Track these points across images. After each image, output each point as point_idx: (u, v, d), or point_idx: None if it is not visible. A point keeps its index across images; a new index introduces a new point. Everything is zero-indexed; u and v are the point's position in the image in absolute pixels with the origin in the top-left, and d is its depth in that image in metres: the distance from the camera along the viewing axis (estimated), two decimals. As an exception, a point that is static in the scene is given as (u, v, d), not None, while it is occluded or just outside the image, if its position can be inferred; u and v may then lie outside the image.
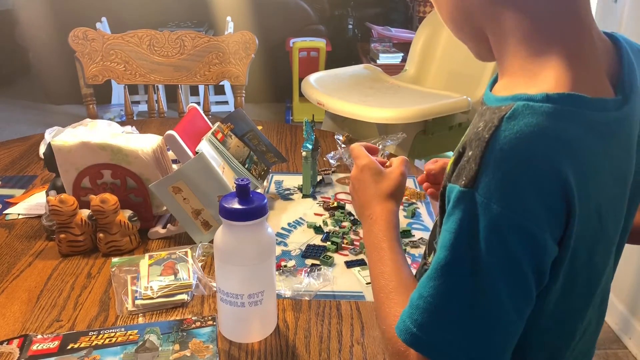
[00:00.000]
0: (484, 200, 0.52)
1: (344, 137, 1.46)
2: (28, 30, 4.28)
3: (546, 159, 0.52)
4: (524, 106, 0.53)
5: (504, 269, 0.53)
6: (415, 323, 0.56)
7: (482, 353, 0.55)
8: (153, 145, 1.09)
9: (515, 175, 0.52)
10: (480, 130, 0.54)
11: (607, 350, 1.97)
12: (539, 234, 0.53)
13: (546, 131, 0.52)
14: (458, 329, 0.55)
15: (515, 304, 0.55)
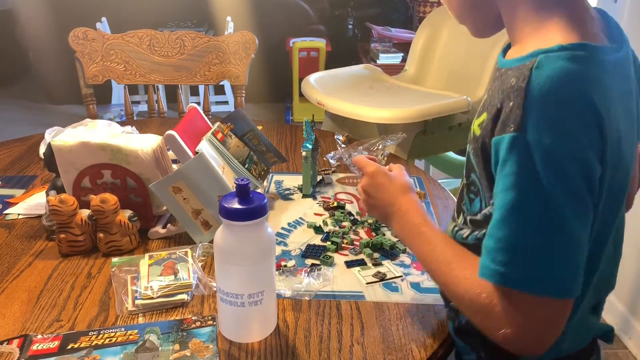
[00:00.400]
0: (535, 138, 0.61)
1: (344, 137, 1.46)
2: (28, 30, 4.29)
3: (578, 92, 0.62)
4: (545, 57, 0.63)
5: (567, 193, 0.62)
6: (501, 263, 0.63)
7: (565, 273, 0.63)
8: (153, 145, 1.09)
9: (556, 111, 0.61)
10: (514, 84, 0.64)
11: (607, 350, 1.97)
12: (586, 156, 0.62)
13: (571, 71, 0.62)
14: (540, 257, 0.62)
15: (581, 223, 0.63)
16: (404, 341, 0.83)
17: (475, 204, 0.78)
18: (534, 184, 0.62)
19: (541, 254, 0.63)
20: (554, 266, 0.63)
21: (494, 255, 0.65)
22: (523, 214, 0.63)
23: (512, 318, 0.65)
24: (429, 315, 0.88)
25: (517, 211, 0.63)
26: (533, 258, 0.63)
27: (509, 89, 0.64)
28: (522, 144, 0.62)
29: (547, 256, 0.63)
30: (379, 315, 0.88)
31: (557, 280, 0.63)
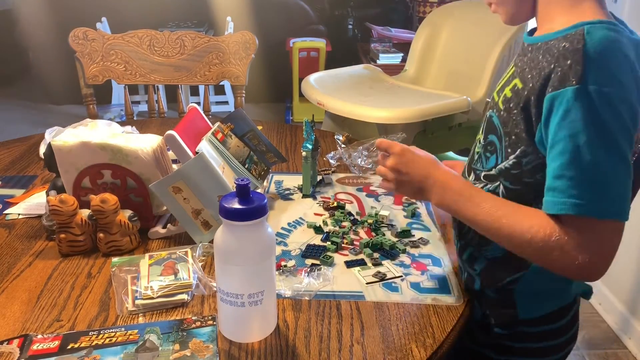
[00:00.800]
0: (597, 87, 0.73)
1: (344, 137, 1.46)
2: (28, 30, 4.29)
3: (623, 53, 0.75)
4: (591, 27, 0.76)
5: (622, 132, 0.74)
6: (577, 196, 0.74)
7: (626, 198, 0.75)
8: (153, 145, 1.09)
9: (611, 65, 0.74)
10: (568, 47, 0.76)
11: (607, 350, 1.97)
12: (632, 100, 0.75)
13: (615, 37, 0.76)
14: (610, 186, 0.74)
15: (630, 154, 0.76)
16: (404, 341, 0.83)
17: (491, 160, 0.91)
18: (599, 126, 0.73)
19: (611, 185, 0.74)
20: (621, 194, 0.75)
21: (568, 192, 0.75)
22: (594, 152, 0.73)
23: (587, 245, 0.75)
24: (429, 315, 0.88)
25: (587, 151, 0.73)
26: (606, 189, 0.74)
27: (563, 51, 0.76)
28: (585, 93, 0.73)
29: (615, 186, 0.74)
30: (379, 315, 0.88)
31: (622, 205, 0.75)
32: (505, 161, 0.87)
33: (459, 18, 2.39)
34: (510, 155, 0.86)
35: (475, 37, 2.25)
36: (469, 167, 0.97)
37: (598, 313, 2.15)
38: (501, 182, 0.89)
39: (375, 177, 1.37)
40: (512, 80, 0.87)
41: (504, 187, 0.89)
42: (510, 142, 0.86)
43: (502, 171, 0.88)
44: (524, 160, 0.85)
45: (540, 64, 0.80)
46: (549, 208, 0.77)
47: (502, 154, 0.88)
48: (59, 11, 4.14)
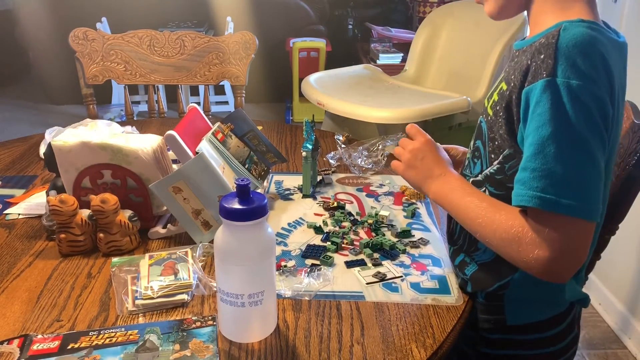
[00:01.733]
0: (564, 80, 0.72)
1: (344, 137, 1.46)
2: (28, 30, 4.28)
3: (596, 49, 0.74)
4: (569, 24, 0.76)
5: (590, 127, 0.72)
6: (537, 189, 0.73)
7: (593, 197, 0.73)
8: (153, 145, 1.09)
9: (581, 60, 0.73)
10: (543, 42, 0.76)
11: (606, 350, 1.97)
12: (604, 97, 0.74)
13: (591, 34, 0.75)
14: (573, 182, 0.72)
15: (601, 155, 0.74)
16: (404, 341, 0.83)
17: (477, 166, 0.92)
18: (564, 119, 0.72)
19: (574, 179, 0.72)
20: (585, 190, 0.73)
21: (530, 184, 0.74)
22: (556, 145, 0.72)
23: (545, 240, 0.74)
24: (429, 315, 0.88)
25: (551, 143, 0.73)
26: (567, 183, 0.72)
27: (539, 46, 0.77)
28: (553, 85, 0.73)
29: (579, 181, 0.72)
30: (379, 315, 0.88)
31: (588, 203, 0.72)
32: (490, 167, 0.88)
33: (459, 18, 2.39)
34: (494, 161, 0.87)
35: (475, 37, 2.25)
36: (461, 174, 0.98)
37: (598, 313, 2.15)
38: (487, 187, 0.90)
39: (375, 177, 1.37)
40: (500, 84, 0.88)
41: (490, 193, 0.90)
42: (494, 147, 0.87)
43: (487, 177, 0.89)
44: (507, 166, 0.85)
45: (520, 64, 0.81)
46: (513, 200, 0.77)
47: (486, 160, 0.89)
48: (59, 11, 4.14)
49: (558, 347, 0.96)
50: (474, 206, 0.83)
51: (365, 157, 1.39)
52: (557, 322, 0.95)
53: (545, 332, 0.95)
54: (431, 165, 0.93)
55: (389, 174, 1.40)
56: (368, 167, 1.39)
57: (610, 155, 0.83)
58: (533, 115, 0.75)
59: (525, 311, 0.93)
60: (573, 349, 0.99)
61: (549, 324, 0.94)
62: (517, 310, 0.93)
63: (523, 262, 0.77)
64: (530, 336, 0.95)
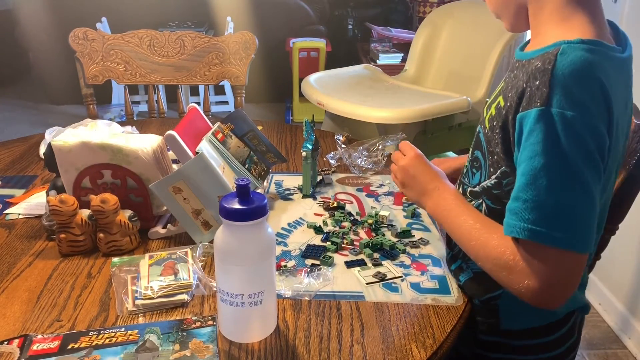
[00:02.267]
0: (559, 111, 0.71)
1: (344, 137, 1.46)
2: (28, 30, 4.28)
3: (593, 76, 0.72)
4: (568, 46, 0.73)
5: (585, 158, 0.71)
6: (529, 221, 0.72)
7: (586, 229, 0.72)
8: (153, 145, 1.09)
9: (577, 89, 0.71)
10: (539, 66, 0.74)
11: (606, 350, 1.97)
12: (600, 127, 0.72)
13: (588, 59, 0.72)
14: (566, 214, 0.72)
15: (596, 186, 0.73)
16: (404, 341, 0.83)
17: (475, 177, 0.91)
18: (557, 151, 0.71)
19: (566, 212, 0.72)
20: (577, 223, 0.72)
21: (521, 215, 0.73)
22: (549, 177, 0.72)
23: (535, 271, 0.74)
24: (429, 315, 0.88)
25: (543, 175, 0.72)
26: (558, 216, 0.72)
27: (534, 70, 0.75)
28: (548, 115, 0.71)
29: (570, 214, 0.72)
30: (379, 316, 0.88)
31: (579, 235, 0.72)
32: (488, 180, 0.88)
33: (459, 18, 2.39)
34: (492, 175, 0.87)
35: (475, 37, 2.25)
36: (460, 181, 0.98)
37: (598, 313, 2.15)
38: (484, 200, 0.89)
39: (375, 177, 1.37)
40: (498, 98, 0.86)
41: (486, 206, 0.89)
42: (492, 161, 0.86)
43: (485, 189, 0.89)
44: (504, 182, 0.85)
45: (518, 82, 0.79)
46: (505, 229, 0.76)
47: (485, 172, 0.89)
48: (59, 11, 4.14)
49: (556, 353, 0.95)
50: (468, 227, 0.84)
51: (365, 157, 1.39)
52: (554, 329, 0.94)
53: (542, 338, 0.94)
54: (423, 180, 0.94)
55: (389, 173, 1.40)
56: (368, 167, 1.39)
57: (609, 175, 0.82)
58: (526, 144, 0.74)
59: (520, 317, 0.92)
60: (572, 354, 0.98)
61: (546, 330, 0.93)
62: (512, 316, 0.92)
63: (514, 289, 0.77)
64: (526, 341, 0.94)
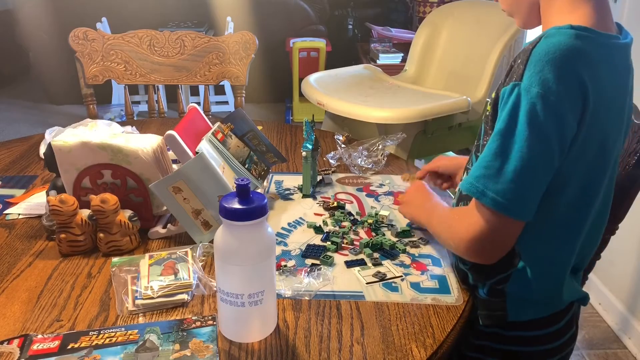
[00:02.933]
0: (527, 85, 0.76)
1: (344, 137, 1.46)
2: (28, 30, 4.28)
3: (568, 62, 0.76)
4: (554, 31, 0.79)
5: (538, 137, 0.76)
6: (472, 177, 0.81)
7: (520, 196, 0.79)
8: (153, 145, 1.09)
9: (548, 69, 0.75)
10: (526, 47, 0.80)
11: (606, 350, 1.98)
12: (563, 111, 0.76)
13: (570, 45, 0.77)
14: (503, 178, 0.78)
15: (545, 165, 0.78)
16: (404, 341, 0.83)
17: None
18: (514, 121, 0.77)
19: (506, 176, 0.78)
20: (515, 190, 0.78)
21: (472, 173, 0.82)
22: (500, 142, 0.79)
23: (467, 224, 0.84)
24: (429, 315, 0.88)
25: (497, 139, 0.79)
26: (498, 178, 0.79)
27: (522, 52, 0.80)
28: (517, 89, 0.77)
29: (511, 180, 0.78)
30: (379, 315, 0.88)
31: (514, 202, 0.79)
32: None
33: (459, 18, 2.39)
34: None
35: (475, 37, 2.25)
36: (466, 168, 1.01)
37: (598, 313, 2.15)
38: None
39: (375, 177, 1.37)
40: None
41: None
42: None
43: None
44: None
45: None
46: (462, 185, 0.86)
47: None
48: (59, 11, 4.14)
49: (556, 344, 0.97)
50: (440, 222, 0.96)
51: (365, 157, 1.39)
52: (555, 320, 0.96)
53: (544, 329, 0.95)
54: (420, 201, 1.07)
55: (388, 173, 1.40)
56: (368, 167, 1.39)
57: (615, 164, 0.88)
58: (500, 115, 0.81)
59: (527, 308, 0.94)
60: (570, 346, 1.00)
61: (548, 321, 0.95)
62: (519, 306, 0.93)
63: (452, 240, 0.89)
64: (529, 332, 0.95)
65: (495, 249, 0.85)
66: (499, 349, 0.98)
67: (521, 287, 0.91)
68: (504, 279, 0.92)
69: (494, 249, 0.84)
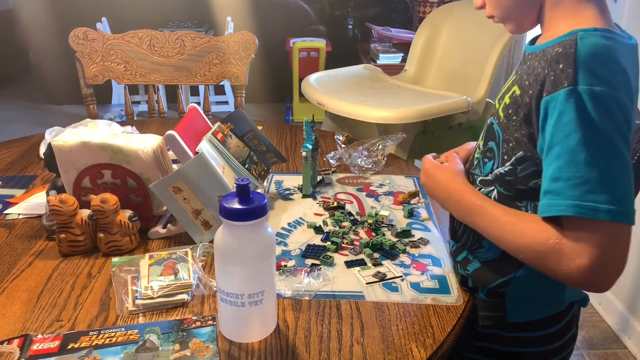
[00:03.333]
0: (587, 87, 0.73)
1: (344, 137, 1.46)
2: (28, 30, 4.29)
3: (613, 57, 0.76)
4: (585, 33, 0.77)
5: (616, 130, 0.73)
6: (574, 197, 0.73)
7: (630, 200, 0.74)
8: (153, 145, 1.09)
9: (601, 68, 0.75)
10: (560, 51, 0.77)
11: (606, 350, 1.98)
12: (625, 101, 0.75)
13: (606, 44, 0.77)
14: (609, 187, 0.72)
15: (629, 157, 0.75)
16: (404, 341, 0.83)
17: (487, 166, 0.92)
18: (591, 125, 0.73)
19: (609, 183, 0.72)
20: (621, 194, 0.73)
21: (565, 193, 0.73)
22: (587, 152, 0.73)
23: (585, 248, 0.73)
24: (429, 315, 0.88)
25: (581, 150, 0.73)
26: (603, 188, 0.72)
27: (556, 56, 0.77)
28: (576, 94, 0.73)
29: (614, 185, 0.73)
30: (379, 315, 0.88)
31: (624, 206, 0.72)
32: (501, 167, 0.88)
33: (459, 18, 2.38)
34: (506, 162, 0.88)
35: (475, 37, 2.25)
36: (468, 172, 0.99)
37: (598, 313, 2.15)
38: (496, 187, 0.90)
39: (375, 177, 1.37)
40: (512, 88, 0.88)
41: (498, 192, 0.90)
42: (507, 148, 0.87)
43: (498, 177, 0.89)
44: (519, 167, 0.86)
45: (536, 71, 0.81)
46: (545, 211, 0.76)
47: (498, 160, 0.90)
48: (59, 11, 4.14)
49: (556, 345, 0.97)
50: (500, 222, 0.83)
51: (365, 157, 1.39)
52: (555, 321, 0.96)
53: (544, 330, 0.95)
54: (440, 185, 0.95)
55: (388, 173, 1.40)
56: (368, 167, 1.39)
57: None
58: (558, 126, 0.75)
59: (527, 309, 0.94)
60: (570, 347, 1.00)
61: (548, 322, 0.95)
62: (519, 307, 0.93)
63: (563, 273, 0.75)
64: (528, 334, 0.95)
65: (619, 267, 0.74)
66: (499, 350, 0.98)
67: (522, 289, 0.91)
68: (505, 283, 0.92)
69: (617, 266, 0.74)
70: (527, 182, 0.85)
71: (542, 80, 0.79)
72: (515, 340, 0.96)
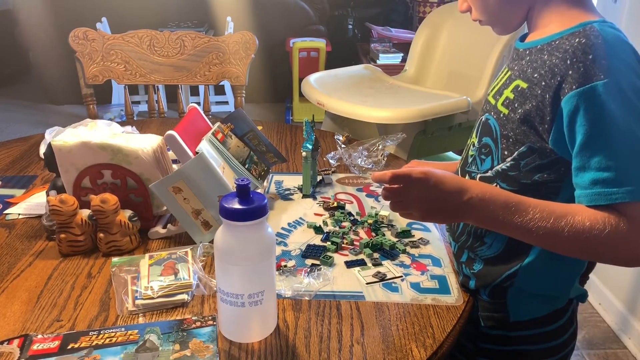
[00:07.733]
0: (625, 78, 0.75)
1: (344, 137, 1.46)
2: (28, 30, 4.28)
3: (629, 44, 0.79)
4: (599, 24, 0.79)
5: None
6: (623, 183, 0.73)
7: None
8: (153, 145, 1.09)
9: (630, 58, 0.77)
10: (584, 42, 0.77)
11: (606, 350, 1.98)
12: None
13: (614, 34, 0.79)
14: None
15: None
16: (404, 341, 0.83)
17: (486, 162, 0.91)
18: (630, 113, 0.74)
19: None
20: None
21: (619, 181, 0.74)
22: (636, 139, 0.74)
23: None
24: (429, 315, 0.88)
25: (628, 139, 0.74)
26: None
27: (580, 46, 0.77)
28: (616, 84, 0.74)
29: None
30: (379, 315, 0.88)
31: None
32: (502, 163, 0.88)
33: (459, 18, 2.38)
34: (507, 157, 0.87)
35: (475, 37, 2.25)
36: (462, 170, 0.98)
37: (598, 313, 2.15)
38: (498, 183, 0.89)
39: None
40: (512, 83, 0.87)
41: (501, 188, 0.88)
42: (508, 143, 0.87)
43: (499, 173, 0.89)
44: (522, 162, 0.85)
45: (548, 63, 0.80)
46: (598, 200, 0.75)
47: (497, 156, 0.89)
48: (59, 11, 4.14)
49: (559, 341, 0.97)
50: (544, 221, 0.77)
51: (365, 157, 1.39)
52: (557, 317, 0.96)
53: (547, 327, 0.95)
54: (442, 200, 0.81)
55: (389, 174, 1.39)
56: (368, 167, 1.39)
57: None
58: (598, 118, 0.74)
59: (528, 307, 0.94)
60: (573, 342, 1.00)
61: (550, 319, 0.95)
62: (521, 306, 0.93)
63: (625, 258, 0.78)
64: (532, 331, 0.95)
65: None
66: (504, 351, 0.98)
67: (525, 285, 0.91)
68: (511, 275, 0.91)
69: None
70: (532, 176, 0.85)
71: (563, 72, 0.77)
72: (520, 339, 0.96)
